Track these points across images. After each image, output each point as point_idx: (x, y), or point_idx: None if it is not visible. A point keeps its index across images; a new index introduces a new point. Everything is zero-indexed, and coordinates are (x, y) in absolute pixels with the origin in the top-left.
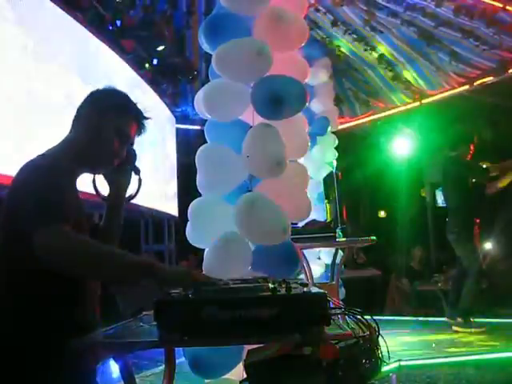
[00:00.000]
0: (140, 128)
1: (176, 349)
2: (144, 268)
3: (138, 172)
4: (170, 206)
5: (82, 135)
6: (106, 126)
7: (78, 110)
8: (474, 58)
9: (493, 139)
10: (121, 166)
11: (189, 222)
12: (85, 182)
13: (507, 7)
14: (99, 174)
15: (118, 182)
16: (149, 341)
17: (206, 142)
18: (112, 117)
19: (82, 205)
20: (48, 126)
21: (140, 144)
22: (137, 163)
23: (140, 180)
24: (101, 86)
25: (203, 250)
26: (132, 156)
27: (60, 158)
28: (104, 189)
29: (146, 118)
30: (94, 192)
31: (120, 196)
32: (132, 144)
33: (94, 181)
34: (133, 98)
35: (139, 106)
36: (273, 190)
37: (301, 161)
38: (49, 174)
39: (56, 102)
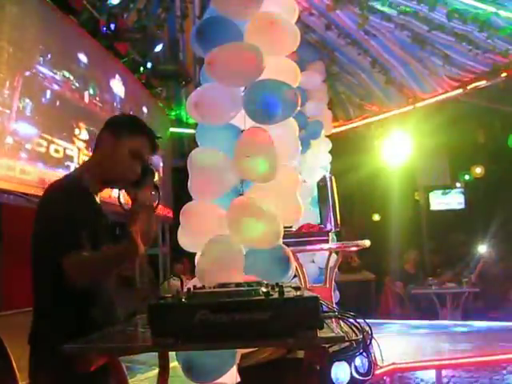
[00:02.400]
0: (153, 147)
1: (170, 352)
2: (124, 253)
3: (156, 188)
4: None
5: (101, 156)
6: (120, 147)
7: (98, 135)
8: (467, 61)
9: (486, 143)
10: (140, 182)
11: (180, 226)
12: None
13: (499, 12)
14: (119, 188)
15: (137, 195)
16: (142, 345)
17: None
18: (125, 139)
19: (103, 215)
20: None
21: None
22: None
23: (159, 194)
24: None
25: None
26: (149, 173)
27: (80, 178)
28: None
29: (158, 138)
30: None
31: (139, 208)
32: (149, 161)
33: (118, 195)
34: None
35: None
36: (264, 194)
37: (294, 164)
38: (67, 196)
39: None
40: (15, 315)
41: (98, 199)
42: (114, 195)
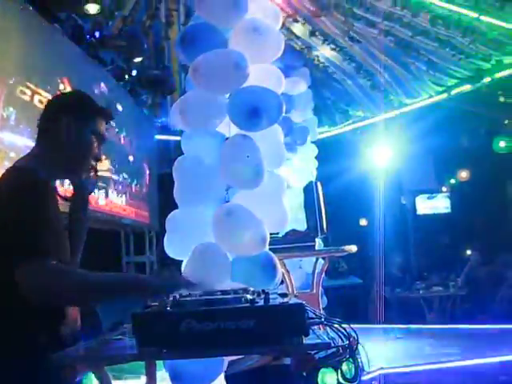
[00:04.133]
0: (107, 125)
1: (156, 362)
2: (130, 286)
3: (96, 172)
4: None
5: (57, 144)
6: (83, 131)
7: (45, 120)
8: (451, 66)
9: (471, 147)
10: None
11: (166, 234)
12: None
13: (481, 17)
14: (80, 178)
15: (85, 184)
16: (128, 354)
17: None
18: (91, 121)
19: (60, 212)
20: None
21: None
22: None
23: (97, 180)
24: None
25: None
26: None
27: (35, 171)
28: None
29: (112, 118)
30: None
31: (83, 197)
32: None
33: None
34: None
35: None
36: (250, 201)
37: (280, 170)
38: (28, 192)
39: None
40: None
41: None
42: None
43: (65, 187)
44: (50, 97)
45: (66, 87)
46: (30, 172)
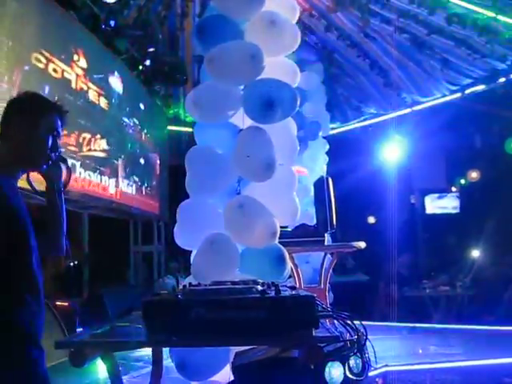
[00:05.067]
0: (63, 121)
1: (164, 350)
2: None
3: (65, 161)
4: None
5: (16, 141)
6: (38, 127)
7: (4, 118)
8: (466, 66)
9: (482, 147)
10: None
11: (177, 224)
12: None
13: (499, 17)
14: (40, 170)
15: (51, 173)
16: (137, 341)
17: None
18: (41, 118)
19: (23, 204)
20: None
21: None
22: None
23: (69, 168)
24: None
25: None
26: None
27: None
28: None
29: (67, 112)
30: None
31: (56, 187)
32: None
33: (28, 178)
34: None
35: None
36: (261, 194)
37: (291, 165)
38: None
39: None
40: None
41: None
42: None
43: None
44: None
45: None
46: None
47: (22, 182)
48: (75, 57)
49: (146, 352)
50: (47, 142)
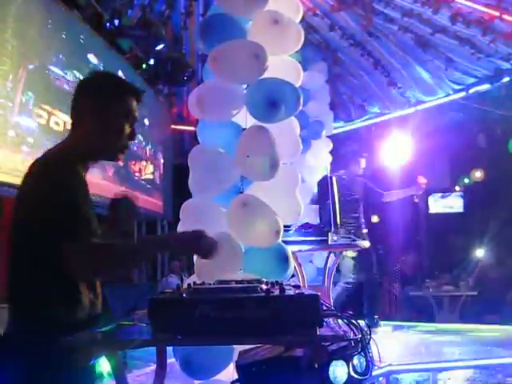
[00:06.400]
0: (138, 103)
1: (168, 349)
2: (161, 246)
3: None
4: None
5: (90, 128)
6: (113, 112)
7: (74, 103)
8: (470, 65)
9: (486, 147)
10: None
11: (180, 223)
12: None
13: (504, 16)
14: (116, 160)
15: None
16: (142, 339)
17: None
18: (115, 101)
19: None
20: None
21: None
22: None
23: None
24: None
25: None
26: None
27: (71, 155)
28: None
29: (143, 92)
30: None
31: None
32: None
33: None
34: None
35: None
36: (264, 193)
37: (294, 164)
38: (66, 177)
39: None
40: None
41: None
42: None
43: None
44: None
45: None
46: (65, 160)
47: None
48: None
49: (149, 351)
50: (123, 129)
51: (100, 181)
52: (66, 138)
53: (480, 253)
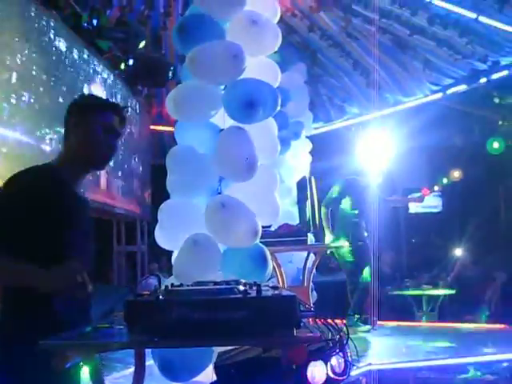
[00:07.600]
0: (121, 118)
1: (146, 351)
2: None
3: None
4: None
5: (73, 142)
6: (90, 126)
7: (64, 121)
8: (447, 66)
9: (464, 147)
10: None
11: (158, 224)
12: None
13: (480, 18)
14: (101, 169)
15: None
16: (119, 342)
17: None
18: (93, 116)
19: (82, 206)
20: None
21: None
22: None
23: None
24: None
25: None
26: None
27: (50, 169)
28: None
29: (124, 107)
30: None
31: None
32: (120, 135)
33: None
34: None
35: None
36: (242, 193)
37: (273, 165)
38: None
39: None
40: None
41: (77, 189)
42: None
43: None
44: None
45: None
46: (43, 169)
47: None
48: None
49: (128, 353)
50: (101, 141)
51: None
52: (60, 152)
53: (459, 252)
